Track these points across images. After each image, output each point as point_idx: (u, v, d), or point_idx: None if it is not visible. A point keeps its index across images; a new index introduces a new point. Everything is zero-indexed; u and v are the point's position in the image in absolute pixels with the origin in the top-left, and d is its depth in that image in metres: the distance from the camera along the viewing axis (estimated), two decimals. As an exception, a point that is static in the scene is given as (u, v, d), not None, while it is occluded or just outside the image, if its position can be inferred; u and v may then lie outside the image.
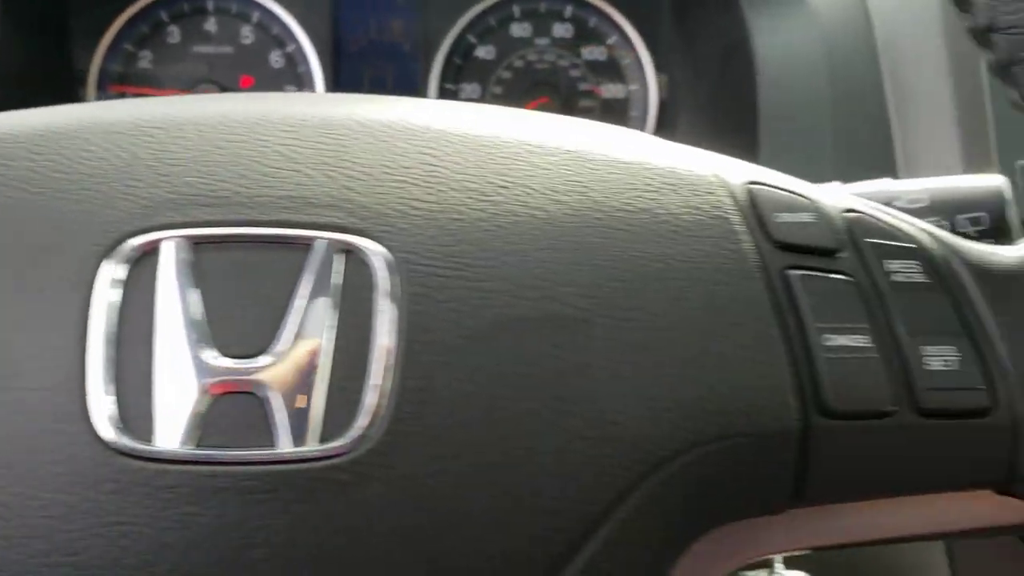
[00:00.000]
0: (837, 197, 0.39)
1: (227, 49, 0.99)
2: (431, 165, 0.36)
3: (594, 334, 0.34)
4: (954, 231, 0.50)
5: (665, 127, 0.99)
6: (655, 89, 1.00)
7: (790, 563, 0.58)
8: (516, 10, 1.00)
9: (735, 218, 0.37)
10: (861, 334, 0.36)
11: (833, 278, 0.36)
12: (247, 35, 0.99)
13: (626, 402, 0.34)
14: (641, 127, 1.00)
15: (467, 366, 0.33)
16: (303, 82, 0.98)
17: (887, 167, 0.82)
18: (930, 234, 0.38)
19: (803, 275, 0.36)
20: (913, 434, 0.36)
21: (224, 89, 0.98)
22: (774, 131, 0.83)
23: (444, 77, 0.99)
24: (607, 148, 0.38)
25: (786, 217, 0.37)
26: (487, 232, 0.35)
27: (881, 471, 0.36)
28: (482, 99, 1.00)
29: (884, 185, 0.52)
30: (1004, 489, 0.37)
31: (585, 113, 1.00)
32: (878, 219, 0.38)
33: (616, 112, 1.00)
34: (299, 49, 0.98)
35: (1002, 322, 0.36)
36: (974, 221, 0.49)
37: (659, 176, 0.38)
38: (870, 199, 0.52)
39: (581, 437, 0.33)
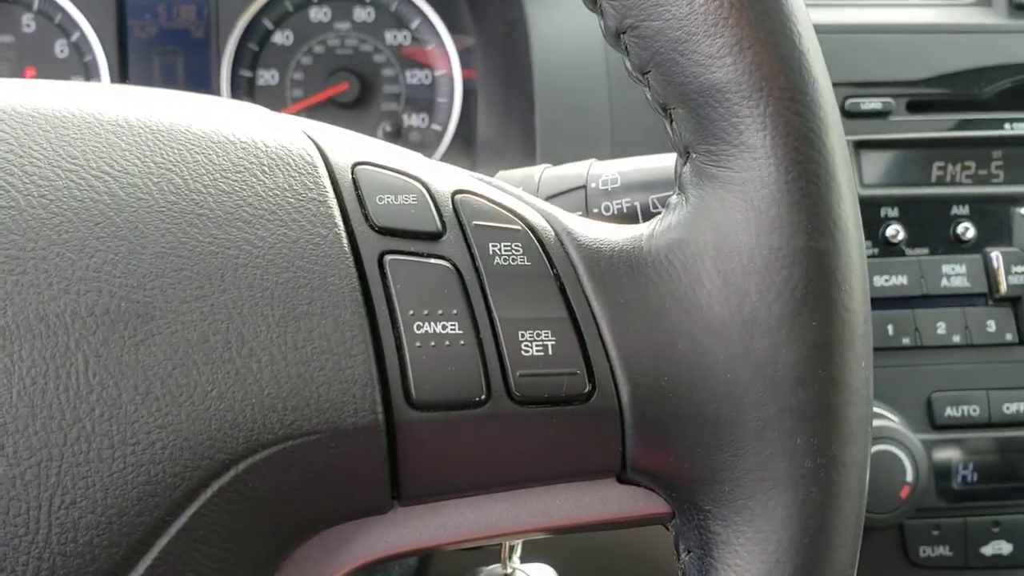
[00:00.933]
0: (452, 178, 0.37)
1: (7, 38, 0.94)
2: None
3: (151, 330, 0.32)
4: (648, 211, 0.49)
5: (471, 112, 0.97)
6: (460, 74, 0.97)
7: (528, 552, 0.57)
8: (313, -7, 0.97)
9: (331, 201, 0.35)
10: (452, 321, 0.34)
11: (430, 263, 0.34)
12: (28, 23, 0.94)
13: (183, 403, 0.31)
14: (448, 113, 0.97)
15: None
16: (90, 72, 0.94)
17: (668, 145, 0.80)
18: (545, 215, 0.36)
19: (397, 260, 0.34)
20: (512, 423, 0.34)
21: (6, 81, 0.93)
22: (551, 111, 0.81)
23: (238, 64, 0.95)
24: (206, 125, 0.36)
25: (388, 200, 0.35)
26: (41, 220, 0.32)
27: (484, 463, 0.34)
28: (280, 86, 0.96)
29: (583, 168, 0.51)
30: (624, 478, 0.36)
31: (390, 100, 0.98)
32: (489, 200, 0.36)
33: (422, 98, 0.98)
34: (84, 38, 0.94)
35: (607, 305, 0.35)
36: (662, 200, 0.48)
37: (254, 156, 0.35)
38: (567, 182, 0.50)
39: (128, 443, 0.31)
